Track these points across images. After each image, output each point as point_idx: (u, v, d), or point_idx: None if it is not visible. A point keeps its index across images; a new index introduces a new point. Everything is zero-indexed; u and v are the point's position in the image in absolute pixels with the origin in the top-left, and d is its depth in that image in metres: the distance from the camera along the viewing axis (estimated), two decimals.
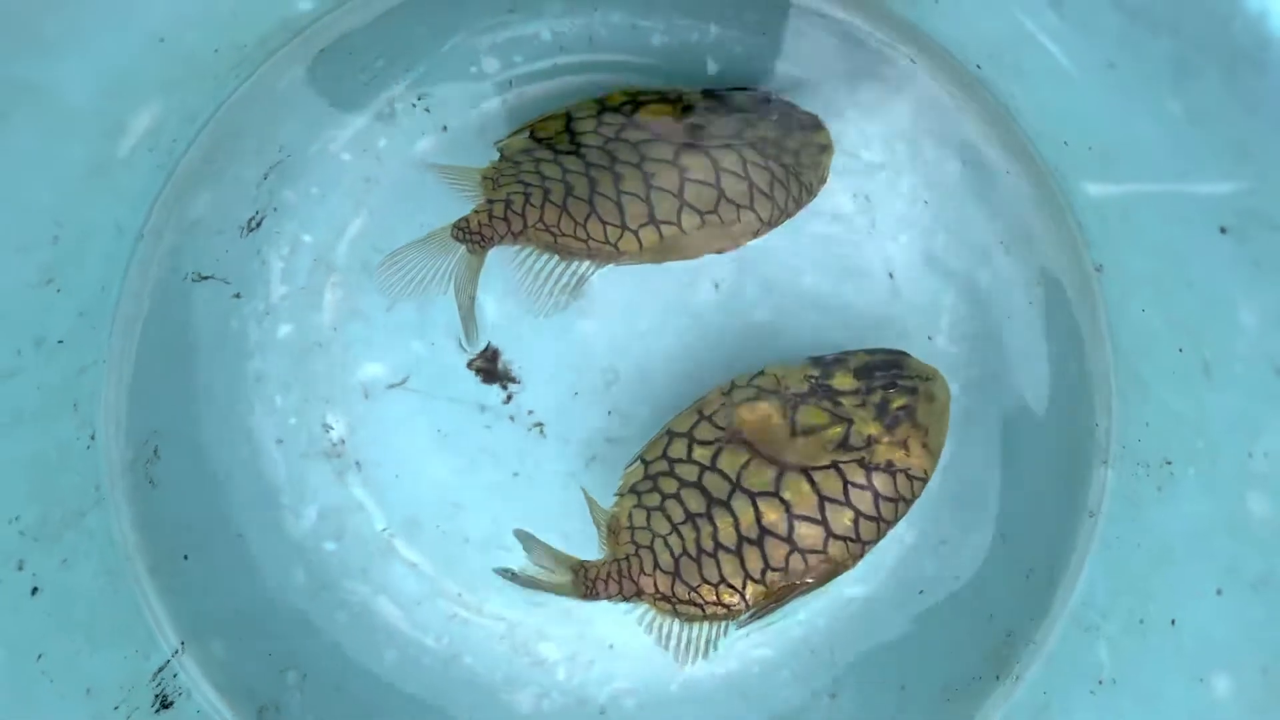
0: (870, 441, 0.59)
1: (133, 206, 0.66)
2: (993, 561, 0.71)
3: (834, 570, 0.60)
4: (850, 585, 0.72)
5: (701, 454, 0.60)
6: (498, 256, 0.65)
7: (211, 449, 0.70)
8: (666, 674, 0.72)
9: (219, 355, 0.70)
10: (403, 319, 0.71)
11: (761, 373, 0.63)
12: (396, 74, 0.70)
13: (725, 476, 0.60)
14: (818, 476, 0.59)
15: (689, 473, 0.60)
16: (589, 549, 0.69)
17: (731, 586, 0.59)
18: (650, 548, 0.60)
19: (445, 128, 0.71)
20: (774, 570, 0.59)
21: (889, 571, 0.72)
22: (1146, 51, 0.45)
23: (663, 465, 0.61)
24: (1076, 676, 0.67)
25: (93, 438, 0.67)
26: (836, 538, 0.58)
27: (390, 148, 0.71)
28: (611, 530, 0.62)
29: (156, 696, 0.66)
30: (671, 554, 0.60)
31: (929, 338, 0.72)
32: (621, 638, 0.72)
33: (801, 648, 0.72)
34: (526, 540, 0.63)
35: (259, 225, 0.70)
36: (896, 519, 0.61)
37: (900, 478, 0.60)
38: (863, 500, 0.59)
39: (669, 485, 0.61)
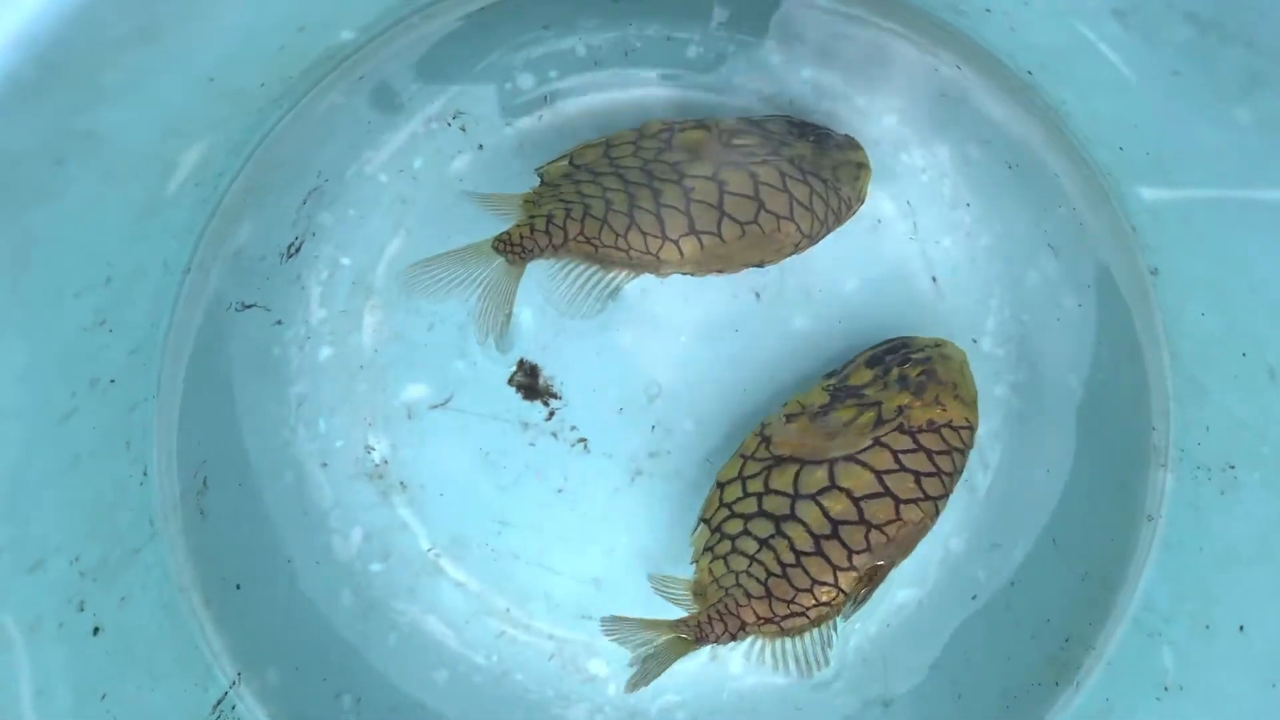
0: (902, 410, 0.61)
1: (180, 242, 0.66)
2: (1046, 565, 0.71)
3: (916, 532, 0.60)
4: (901, 589, 0.71)
5: (754, 486, 0.61)
6: (536, 271, 0.64)
7: (258, 476, 0.70)
8: (717, 685, 0.72)
9: (262, 382, 0.70)
10: (443, 339, 0.71)
11: (786, 403, 0.65)
12: (432, 94, 0.70)
13: (782, 493, 0.60)
14: (866, 457, 0.60)
15: (748, 507, 0.61)
16: (635, 563, 0.71)
17: (825, 584, 0.60)
18: (739, 585, 0.61)
19: (481, 146, 0.70)
20: (858, 553, 0.59)
21: (939, 577, 0.72)
22: (1215, 61, 0.44)
23: (723, 514, 0.62)
24: (1140, 682, 0.66)
25: (145, 473, 0.67)
26: (906, 502, 0.59)
27: (426, 168, 0.70)
28: (698, 594, 0.62)
29: None
30: (758, 580, 0.60)
31: (974, 340, 0.71)
32: None
33: (854, 656, 0.71)
34: (615, 627, 0.61)
35: (298, 250, 0.70)
36: (959, 469, 0.62)
37: (945, 431, 0.61)
38: (918, 461, 0.60)
39: (734, 526, 0.61)
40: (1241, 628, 0.59)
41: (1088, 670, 0.69)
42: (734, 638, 0.60)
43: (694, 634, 0.60)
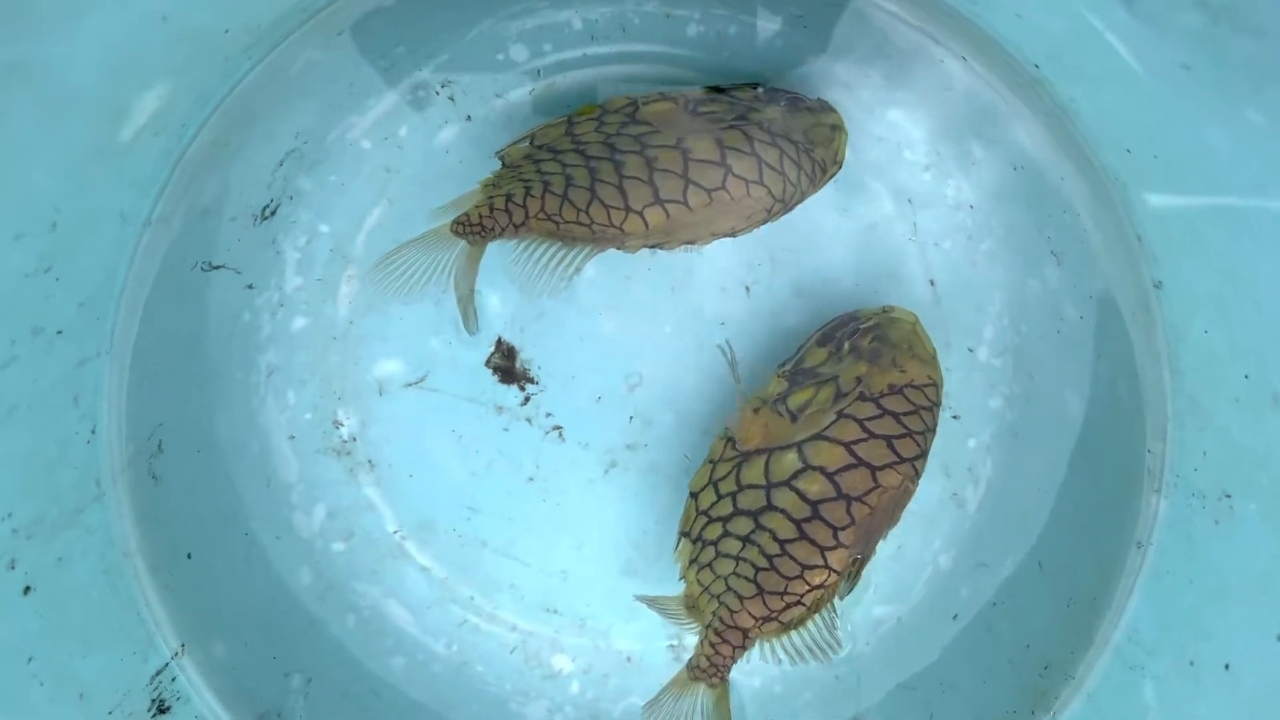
0: (860, 380, 0.59)
1: (139, 193, 0.64)
2: (1031, 588, 0.68)
3: (899, 496, 0.59)
4: (882, 605, 0.69)
5: (727, 486, 0.60)
6: (504, 252, 0.63)
7: (219, 444, 0.68)
8: None
9: (229, 348, 0.68)
10: (421, 315, 0.69)
11: (746, 402, 0.63)
12: (419, 60, 0.68)
13: (755, 486, 0.59)
14: (834, 432, 0.58)
15: (724, 508, 0.60)
16: (605, 558, 0.69)
17: (814, 566, 0.58)
18: (729, 589, 0.59)
19: (469, 117, 0.68)
20: (843, 529, 0.58)
21: (921, 594, 0.69)
22: (1226, 54, 0.41)
23: (701, 521, 0.60)
24: (1120, 717, 0.63)
25: (93, 432, 0.65)
26: (882, 468, 0.58)
27: (412, 136, 0.68)
28: (690, 607, 0.61)
29: (154, 701, 0.64)
30: (747, 579, 0.59)
31: (970, 349, 0.68)
32: (639, 650, 0.70)
33: (825, 672, 0.69)
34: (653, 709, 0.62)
35: (273, 214, 0.68)
36: (931, 426, 0.60)
37: (909, 391, 0.59)
38: (886, 425, 0.58)
39: (714, 531, 0.60)
40: (1228, 666, 0.57)
41: (1065, 701, 0.67)
42: (744, 649, 0.59)
43: (711, 671, 0.59)
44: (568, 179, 0.60)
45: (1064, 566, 0.68)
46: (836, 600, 0.60)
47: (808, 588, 0.58)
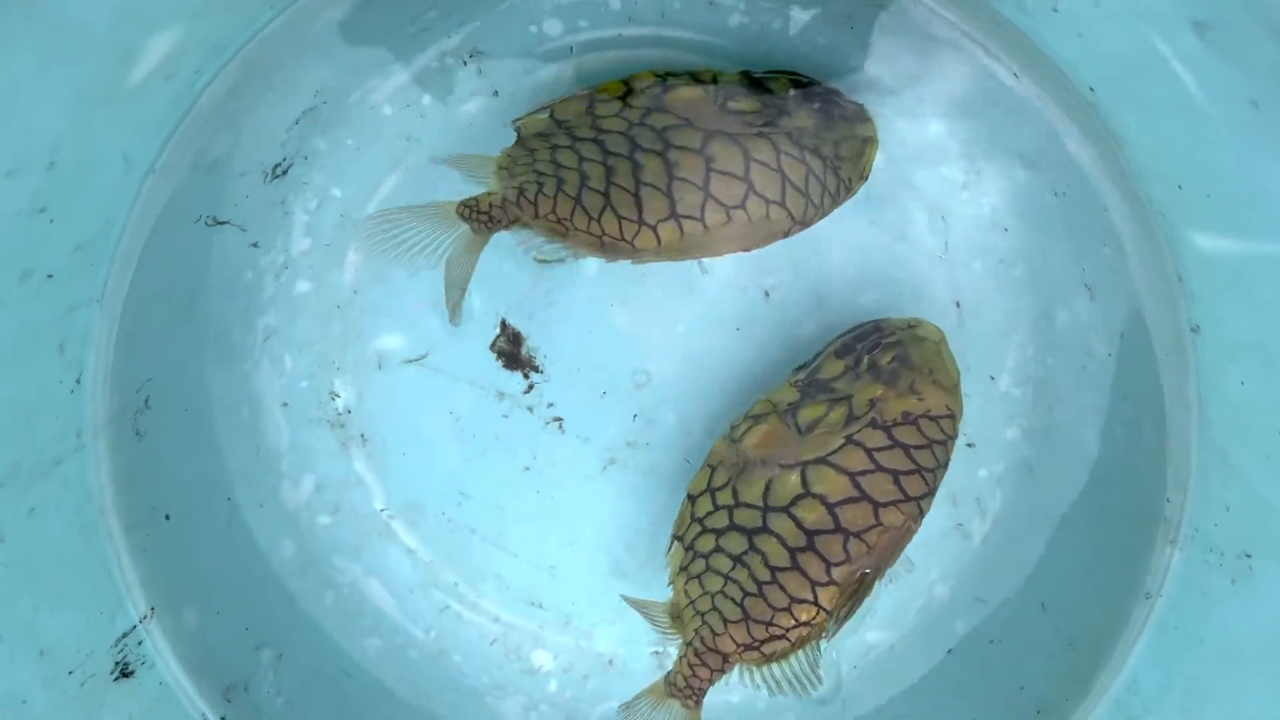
0: (874, 404, 0.56)
1: (144, 139, 0.62)
2: (1030, 628, 0.66)
3: (900, 537, 0.56)
4: (874, 630, 0.67)
5: (724, 498, 0.57)
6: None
7: (209, 405, 0.66)
8: None
9: (228, 307, 0.66)
10: (428, 290, 0.67)
11: (755, 403, 0.61)
12: (450, 28, 0.66)
13: (752, 506, 0.56)
14: (839, 459, 0.55)
15: (719, 521, 0.57)
16: (595, 556, 0.67)
17: (804, 601, 0.55)
18: (714, 608, 0.57)
19: (496, 92, 0.66)
20: (837, 565, 0.55)
21: (917, 623, 0.67)
22: None
23: (695, 529, 0.58)
24: None
25: (78, 382, 0.63)
26: (885, 505, 0.55)
27: (435, 106, 0.66)
28: (674, 616, 0.59)
29: (117, 664, 0.62)
30: (734, 601, 0.56)
31: (991, 377, 0.66)
32: (622, 653, 0.68)
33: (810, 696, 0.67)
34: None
35: (285, 173, 0.66)
36: (942, 462, 0.57)
37: (924, 422, 0.56)
38: (894, 459, 0.55)
39: (707, 543, 0.57)
40: None
41: None
42: (722, 672, 0.57)
43: (687, 692, 0.57)
44: (582, 177, 0.58)
45: (1067, 609, 0.66)
46: (824, 641, 0.57)
47: (794, 623, 0.56)
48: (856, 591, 0.56)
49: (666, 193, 0.57)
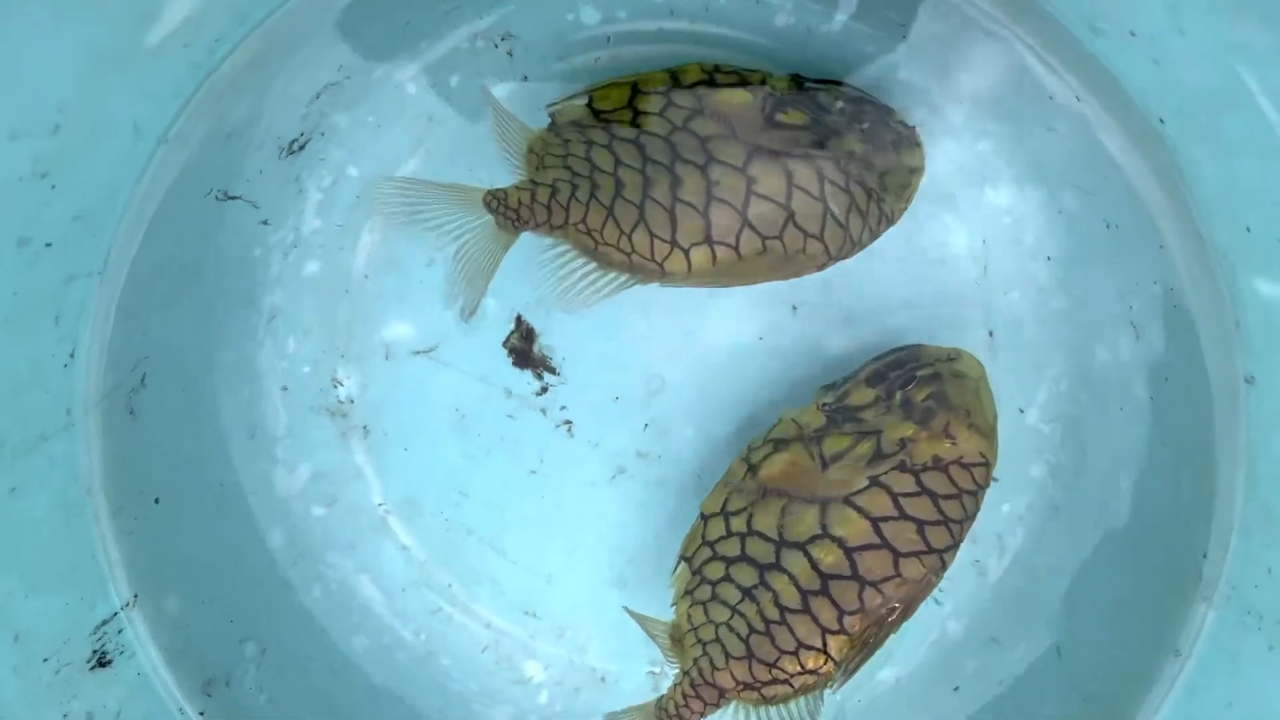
0: (904, 444, 0.54)
1: (158, 106, 0.59)
2: (1045, 676, 0.64)
3: (919, 590, 0.53)
4: (879, 667, 0.64)
5: (738, 524, 0.55)
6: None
7: (207, 385, 0.64)
8: None
9: (233, 283, 0.64)
10: (441, 279, 0.64)
11: (778, 421, 0.58)
12: (483, 8, 0.64)
13: (766, 538, 0.54)
14: (862, 501, 0.53)
15: (731, 548, 0.55)
16: (596, 568, 0.65)
17: (812, 648, 0.53)
18: (717, 640, 0.54)
19: (525, 77, 0.64)
20: (850, 614, 0.52)
21: (926, 659, 0.65)
22: None
23: (705, 553, 0.56)
24: None
25: (71, 356, 0.60)
26: (906, 556, 0.52)
27: (463, 87, 0.64)
28: (675, 640, 0.56)
29: (95, 652, 0.60)
30: (739, 637, 0.54)
31: (1020, 410, 0.64)
32: (616, 670, 0.66)
33: None
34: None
35: (302, 148, 0.64)
36: (970, 514, 0.54)
37: (954, 470, 0.53)
38: (920, 507, 0.53)
39: (716, 570, 0.55)
40: None
41: None
42: (716, 706, 0.54)
43: (675, 710, 0.55)
44: (618, 184, 0.55)
45: (1086, 659, 0.63)
46: (828, 691, 0.55)
47: (799, 669, 0.53)
48: (867, 644, 0.53)
49: (703, 213, 0.54)
